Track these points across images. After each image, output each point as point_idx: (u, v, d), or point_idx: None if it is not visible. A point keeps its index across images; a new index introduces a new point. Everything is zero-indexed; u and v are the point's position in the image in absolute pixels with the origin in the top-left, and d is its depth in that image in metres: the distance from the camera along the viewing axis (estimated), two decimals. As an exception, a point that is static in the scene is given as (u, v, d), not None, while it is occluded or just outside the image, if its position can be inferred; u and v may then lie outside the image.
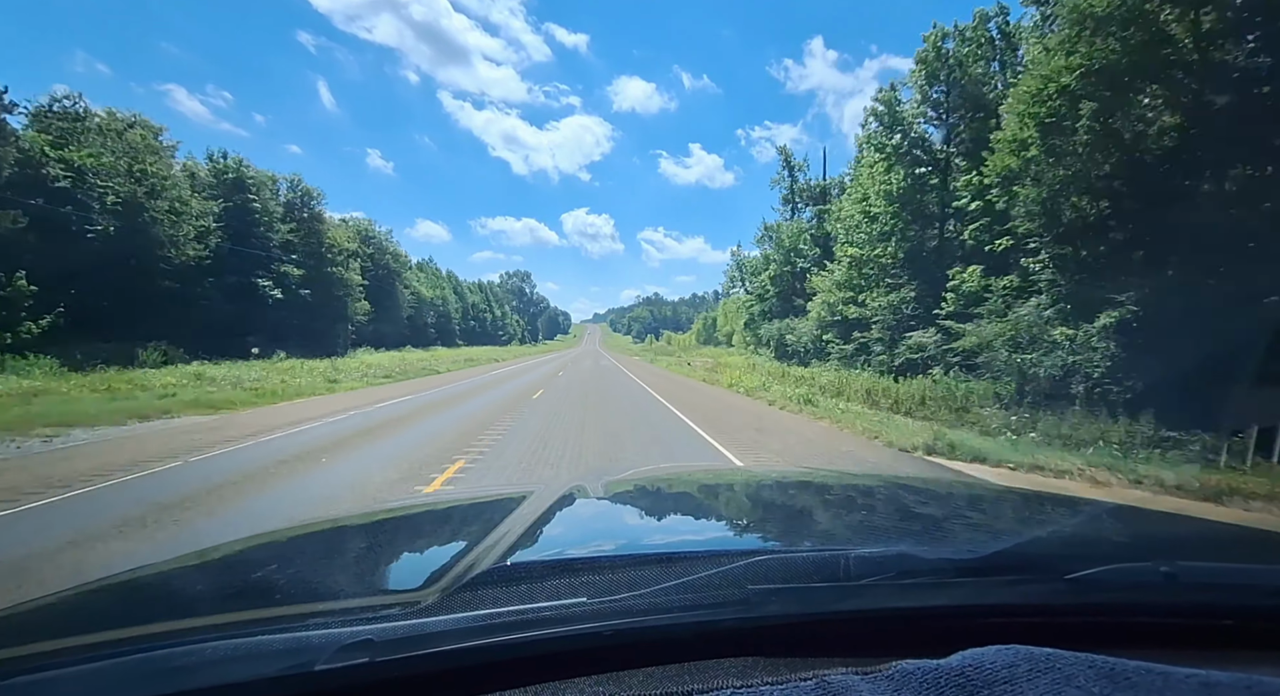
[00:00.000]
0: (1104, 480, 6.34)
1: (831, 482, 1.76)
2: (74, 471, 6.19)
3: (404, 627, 0.58)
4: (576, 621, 0.61)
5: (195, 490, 5.43)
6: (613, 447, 8.08)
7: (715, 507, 1.45)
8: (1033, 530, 1.15)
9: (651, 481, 1.83)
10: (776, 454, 7.89)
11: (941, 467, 7.14)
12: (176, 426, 9.63)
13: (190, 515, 4.68)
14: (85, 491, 5.43)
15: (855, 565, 0.70)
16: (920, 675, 0.48)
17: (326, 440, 8.41)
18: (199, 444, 7.90)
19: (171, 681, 0.52)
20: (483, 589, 0.67)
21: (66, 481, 5.77)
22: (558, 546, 1.02)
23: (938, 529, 1.18)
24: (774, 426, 10.69)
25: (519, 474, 6.42)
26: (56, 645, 0.64)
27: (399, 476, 6.10)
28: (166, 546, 3.97)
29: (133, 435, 8.70)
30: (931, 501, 1.45)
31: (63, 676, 0.53)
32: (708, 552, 0.80)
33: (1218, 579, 0.77)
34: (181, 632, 0.63)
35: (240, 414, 11.37)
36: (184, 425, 9.75)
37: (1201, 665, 0.49)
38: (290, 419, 10.55)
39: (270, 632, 0.58)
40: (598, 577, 0.69)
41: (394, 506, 1.93)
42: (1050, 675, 0.47)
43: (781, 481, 1.70)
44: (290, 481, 5.88)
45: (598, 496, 1.47)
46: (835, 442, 8.97)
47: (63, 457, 7.02)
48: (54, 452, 7.38)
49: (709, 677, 0.57)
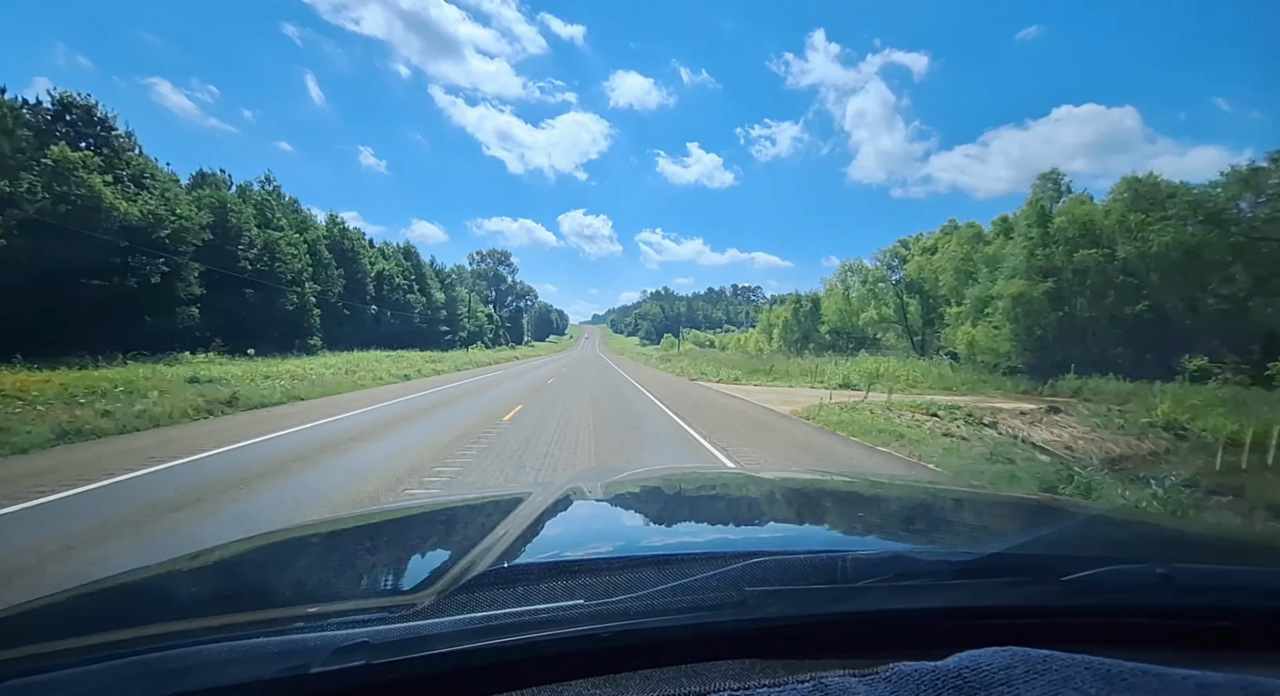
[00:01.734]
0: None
1: (829, 485, 1.76)
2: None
3: (400, 630, 0.58)
4: (574, 623, 0.61)
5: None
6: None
7: (712, 509, 1.45)
8: (1030, 532, 1.15)
9: (649, 483, 1.82)
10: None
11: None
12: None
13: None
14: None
15: (853, 567, 0.70)
16: (918, 677, 0.48)
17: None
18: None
19: (167, 683, 0.52)
20: (480, 591, 0.66)
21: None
22: (555, 548, 1.02)
23: (935, 531, 1.18)
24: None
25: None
26: (51, 647, 0.64)
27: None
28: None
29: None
30: (928, 503, 1.44)
31: (58, 679, 0.53)
32: (705, 554, 0.80)
33: (1214, 580, 0.77)
34: (177, 634, 0.62)
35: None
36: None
37: (1197, 666, 0.49)
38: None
39: (266, 634, 0.58)
40: (595, 579, 0.69)
41: (391, 508, 1.89)
42: (1047, 676, 0.47)
43: (779, 483, 1.70)
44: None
45: (595, 498, 1.47)
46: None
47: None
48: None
49: (706, 680, 0.57)
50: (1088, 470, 6.35)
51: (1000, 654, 0.50)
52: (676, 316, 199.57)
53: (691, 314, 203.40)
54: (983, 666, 0.48)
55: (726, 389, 21.38)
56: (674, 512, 1.41)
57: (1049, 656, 0.49)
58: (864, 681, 0.49)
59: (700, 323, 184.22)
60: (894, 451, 8.57)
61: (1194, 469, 7.03)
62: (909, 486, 1.86)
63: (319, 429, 9.57)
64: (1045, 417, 12.98)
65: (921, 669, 0.49)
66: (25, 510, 4.88)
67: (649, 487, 1.73)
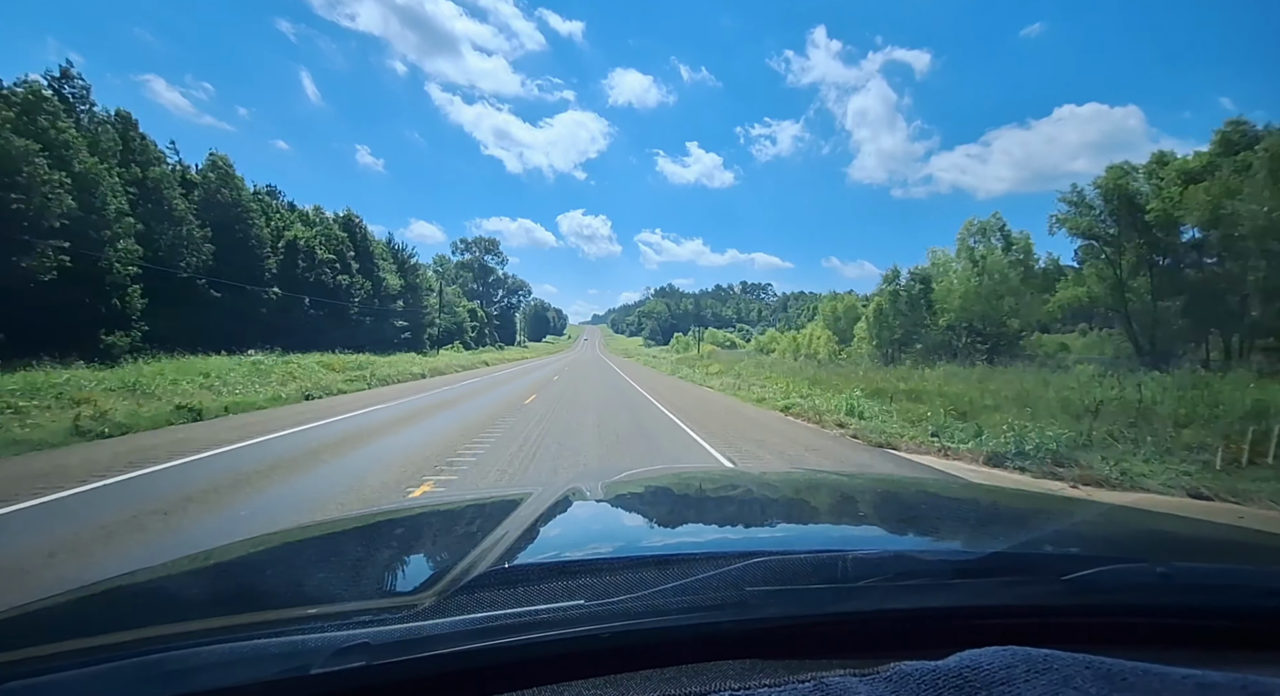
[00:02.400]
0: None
1: (829, 484, 1.77)
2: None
3: (401, 631, 0.58)
4: (574, 624, 0.60)
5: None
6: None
7: (713, 509, 1.45)
8: (1030, 531, 1.14)
9: (649, 483, 1.82)
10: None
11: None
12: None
13: None
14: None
15: (853, 566, 0.70)
16: (918, 676, 0.48)
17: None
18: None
19: (167, 685, 0.52)
20: (480, 591, 0.66)
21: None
22: (555, 548, 1.02)
23: (935, 530, 1.18)
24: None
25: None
26: (52, 649, 0.64)
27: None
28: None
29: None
30: (929, 503, 1.45)
31: (58, 681, 0.53)
32: (705, 554, 0.80)
33: (1214, 580, 0.77)
34: (177, 636, 0.63)
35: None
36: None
37: (1198, 665, 0.49)
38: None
39: (266, 636, 0.58)
40: (595, 580, 0.68)
41: (391, 508, 1.84)
42: (1048, 676, 0.47)
43: (779, 483, 1.72)
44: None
45: (595, 498, 1.46)
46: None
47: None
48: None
49: (707, 680, 0.56)
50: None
51: (1001, 653, 0.50)
52: (683, 314, 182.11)
53: (699, 312, 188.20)
54: (983, 666, 0.48)
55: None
56: (674, 512, 1.41)
57: (1049, 655, 0.49)
58: (865, 681, 0.49)
59: (709, 321, 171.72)
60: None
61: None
62: (909, 485, 1.94)
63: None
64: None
65: (922, 668, 0.49)
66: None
67: (649, 487, 1.73)
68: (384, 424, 10.85)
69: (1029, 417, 10.27)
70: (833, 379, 21.36)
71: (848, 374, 23.66)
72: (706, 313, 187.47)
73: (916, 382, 18.55)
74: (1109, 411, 10.06)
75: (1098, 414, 9.75)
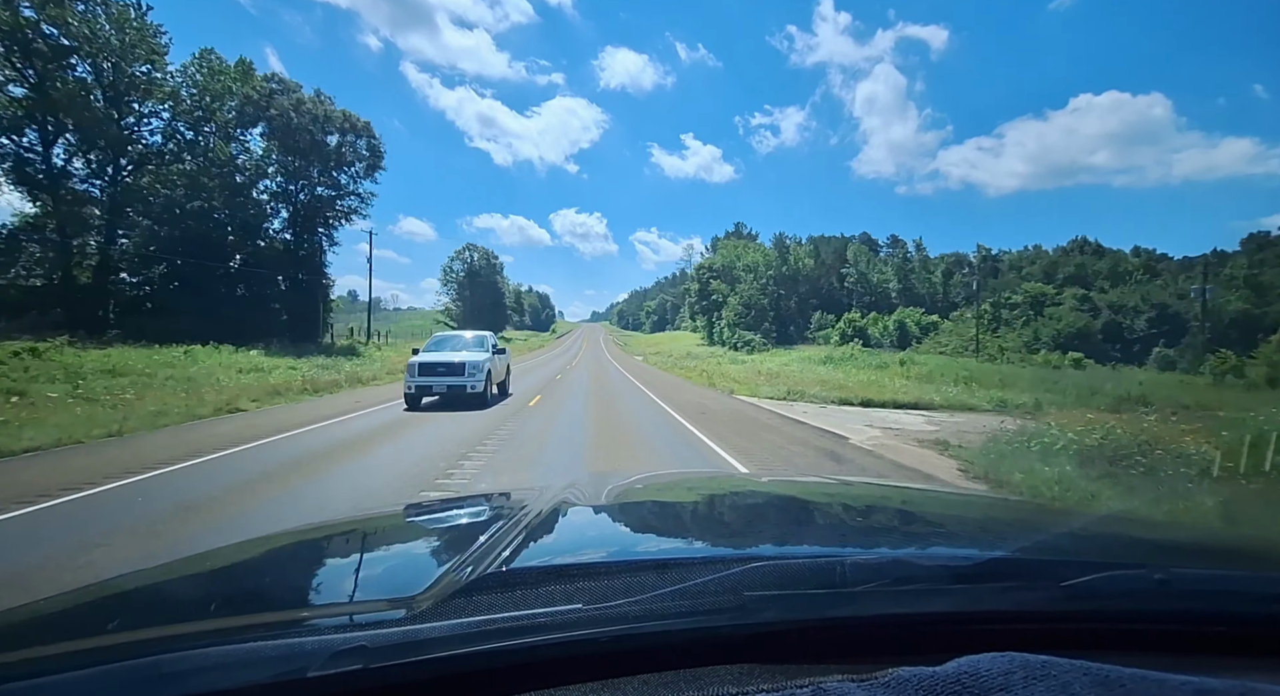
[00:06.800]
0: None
1: (828, 489, 1.77)
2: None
3: (398, 634, 0.57)
4: (572, 628, 0.60)
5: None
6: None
7: (712, 513, 1.45)
8: (1028, 537, 1.15)
9: (648, 487, 1.81)
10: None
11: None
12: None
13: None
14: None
15: (852, 571, 0.70)
16: (916, 682, 0.48)
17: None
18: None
19: (163, 688, 0.52)
20: (478, 595, 0.66)
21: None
22: (554, 552, 1.02)
23: (934, 535, 1.19)
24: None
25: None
26: (47, 651, 0.64)
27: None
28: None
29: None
30: (927, 508, 1.46)
31: (54, 683, 0.53)
32: (704, 558, 0.79)
33: (1212, 586, 0.78)
34: (174, 639, 0.62)
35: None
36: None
37: (1196, 672, 0.49)
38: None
39: (263, 638, 0.58)
40: (594, 584, 0.68)
41: (389, 511, 1.86)
42: (1046, 682, 0.47)
43: (777, 487, 1.72)
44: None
45: (594, 502, 1.46)
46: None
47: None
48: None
49: (705, 685, 0.56)
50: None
51: (999, 659, 0.50)
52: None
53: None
54: (981, 672, 0.48)
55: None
56: (673, 517, 1.41)
57: (1047, 662, 0.49)
58: (863, 686, 0.49)
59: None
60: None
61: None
62: (908, 491, 1.96)
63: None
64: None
65: (920, 674, 0.49)
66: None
67: (648, 492, 1.72)
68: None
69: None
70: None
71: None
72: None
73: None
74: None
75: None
